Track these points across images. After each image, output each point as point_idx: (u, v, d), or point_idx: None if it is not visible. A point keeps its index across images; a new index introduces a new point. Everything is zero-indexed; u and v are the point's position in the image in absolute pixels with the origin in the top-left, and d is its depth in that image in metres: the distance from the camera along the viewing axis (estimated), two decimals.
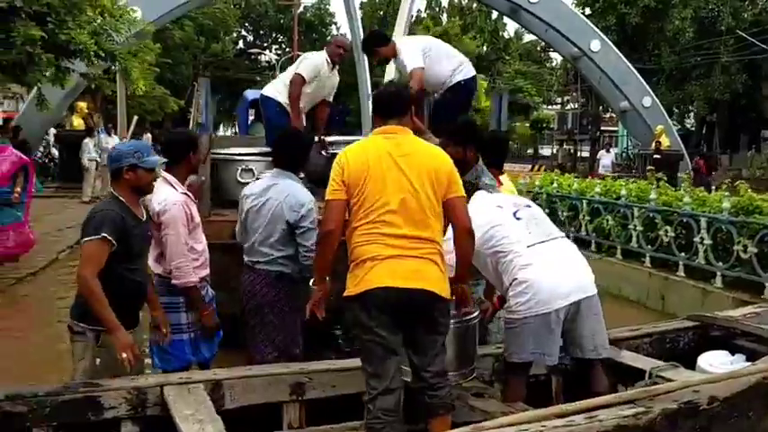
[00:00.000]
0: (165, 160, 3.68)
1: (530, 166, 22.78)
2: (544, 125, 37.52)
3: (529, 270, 3.46)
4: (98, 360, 3.25)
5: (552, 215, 9.81)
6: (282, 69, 42.29)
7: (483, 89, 36.20)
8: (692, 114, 28.30)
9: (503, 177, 4.58)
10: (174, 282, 3.75)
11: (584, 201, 9.15)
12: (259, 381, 3.52)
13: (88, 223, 3.22)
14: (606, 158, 20.79)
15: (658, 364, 3.89)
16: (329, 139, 6.17)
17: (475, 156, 4.14)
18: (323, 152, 5.69)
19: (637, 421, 2.82)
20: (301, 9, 48.50)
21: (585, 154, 30.53)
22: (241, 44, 49.86)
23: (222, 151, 6.13)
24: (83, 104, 18.09)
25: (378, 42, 5.92)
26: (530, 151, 38.11)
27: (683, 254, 7.44)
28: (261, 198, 4.01)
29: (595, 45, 20.96)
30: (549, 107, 39.42)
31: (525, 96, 37.72)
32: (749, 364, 3.98)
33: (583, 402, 2.96)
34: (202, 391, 3.29)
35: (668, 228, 7.61)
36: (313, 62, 5.96)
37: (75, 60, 12.77)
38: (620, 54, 21.21)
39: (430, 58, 5.67)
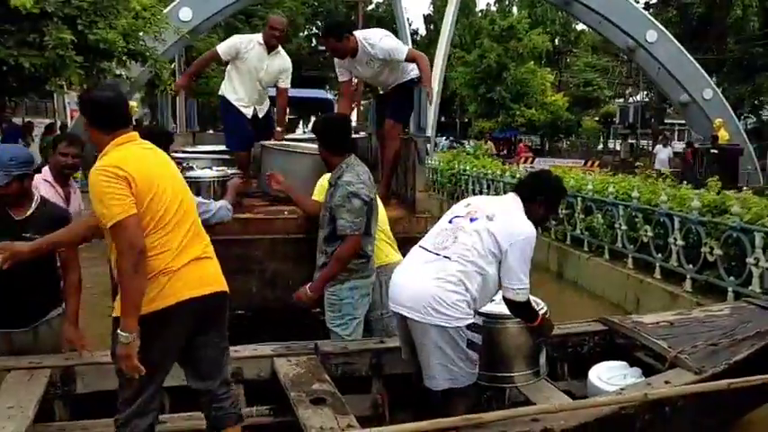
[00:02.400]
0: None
1: (582, 162, 22.06)
2: (610, 119, 36.31)
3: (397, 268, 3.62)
4: None
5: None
6: None
7: (548, 83, 35.49)
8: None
9: None
10: None
11: (578, 198, 8.84)
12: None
13: None
14: (663, 153, 19.84)
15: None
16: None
17: (332, 155, 4.14)
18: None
19: None
20: (372, 6, 48.86)
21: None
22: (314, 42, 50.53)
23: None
24: (133, 104, 18.92)
25: (337, 33, 5.21)
26: (599, 147, 36.94)
27: (659, 255, 7.10)
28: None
29: (651, 35, 20.13)
30: (619, 100, 38.08)
31: (595, 90, 36.64)
32: (642, 380, 3.81)
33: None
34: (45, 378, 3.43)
35: (648, 227, 7.27)
36: (234, 40, 5.90)
37: (110, 63, 13.31)
38: (679, 45, 20.26)
39: None
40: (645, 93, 31.58)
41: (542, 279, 9.36)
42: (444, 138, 30.91)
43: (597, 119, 38.33)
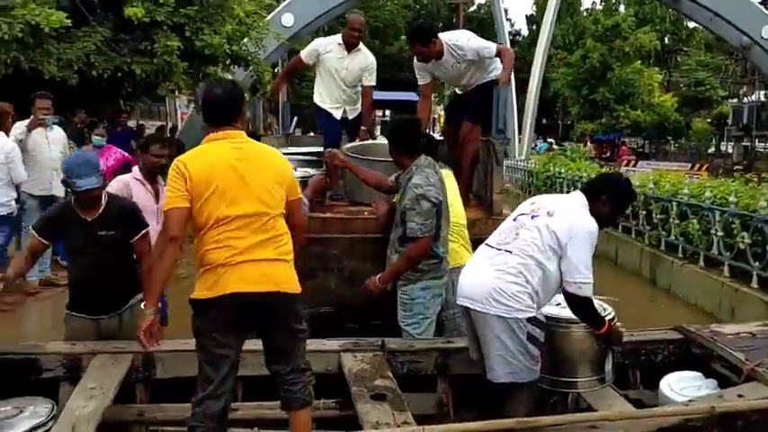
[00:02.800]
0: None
1: (689, 165, 21.05)
2: (723, 121, 34.38)
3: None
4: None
5: (648, 217, 9.28)
6: None
7: (656, 83, 34.12)
8: None
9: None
10: None
11: (673, 203, 8.52)
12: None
13: None
14: None
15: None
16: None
17: (403, 156, 4.23)
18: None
19: None
20: (474, 8, 48.59)
21: None
22: None
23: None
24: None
25: (424, 38, 5.25)
26: (711, 150, 35.08)
27: (757, 263, 6.75)
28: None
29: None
30: (732, 101, 36.04)
31: (707, 90, 34.83)
32: (716, 392, 3.68)
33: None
34: (127, 363, 3.71)
35: (745, 234, 6.93)
36: (313, 44, 6.04)
37: (215, 67, 13.97)
38: None
39: None
40: (761, 92, 29.79)
41: (634, 285, 9.12)
42: (542, 140, 30.26)
43: (709, 120, 36.44)
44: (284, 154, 6.24)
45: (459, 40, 5.26)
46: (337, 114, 6.03)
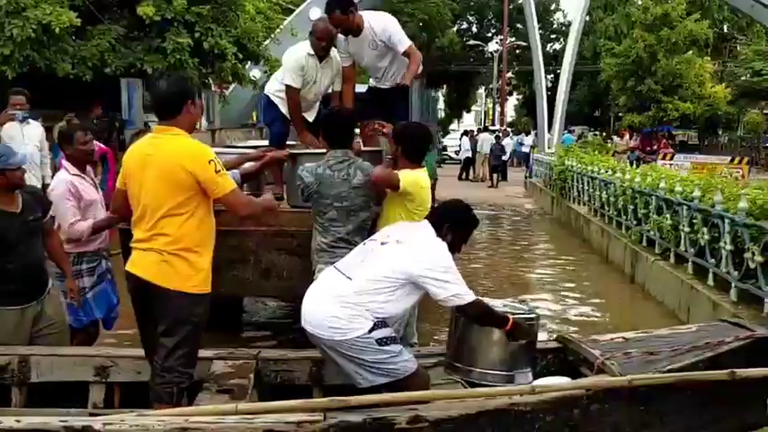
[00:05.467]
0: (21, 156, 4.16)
1: (729, 159, 20.23)
2: None
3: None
4: None
5: (635, 212, 9.07)
6: (500, 61, 42.44)
7: (707, 73, 32.87)
8: None
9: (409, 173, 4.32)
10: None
11: (653, 197, 8.31)
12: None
13: None
14: None
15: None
16: None
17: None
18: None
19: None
20: None
21: None
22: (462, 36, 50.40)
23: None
24: None
25: (343, 4, 5.00)
26: None
27: (713, 260, 6.56)
28: None
29: None
30: None
31: (765, 81, 33.22)
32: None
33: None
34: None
35: (705, 230, 6.72)
36: (292, 65, 5.23)
37: (225, 63, 14.26)
38: None
39: None
40: None
41: (614, 282, 8.95)
42: (567, 131, 29.28)
43: (766, 112, 34.84)
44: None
45: (377, 20, 5.18)
46: (309, 117, 5.55)
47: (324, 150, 4.42)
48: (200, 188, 3.26)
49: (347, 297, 3.41)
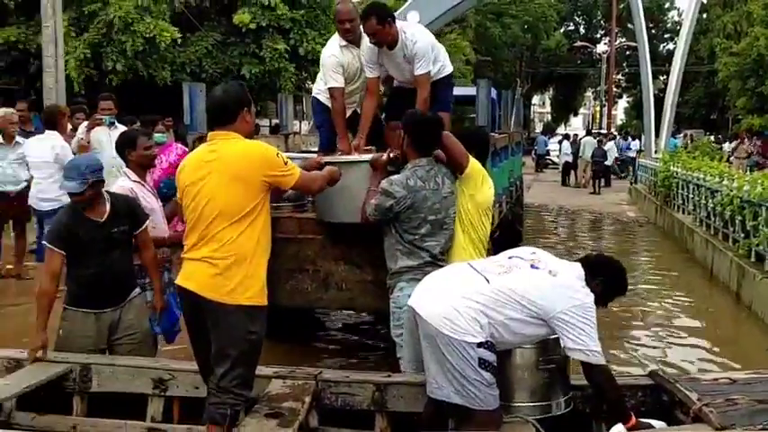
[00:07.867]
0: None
1: None
2: None
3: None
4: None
5: (743, 224, 8.38)
6: (607, 62, 40.83)
7: None
8: None
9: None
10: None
11: (763, 207, 7.59)
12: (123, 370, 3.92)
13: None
14: None
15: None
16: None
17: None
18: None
19: None
20: None
21: None
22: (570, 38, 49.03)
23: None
24: None
25: (381, 14, 4.65)
26: None
27: None
28: None
29: None
30: None
31: None
32: None
33: None
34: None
35: None
36: (331, 63, 5.02)
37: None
38: None
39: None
40: None
41: (714, 299, 8.27)
42: (676, 136, 27.51)
43: None
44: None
45: (414, 34, 4.74)
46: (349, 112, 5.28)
47: (357, 157, 4.25)
48: (268, 189, 3.19)
49: (477, 297, 3.23)
